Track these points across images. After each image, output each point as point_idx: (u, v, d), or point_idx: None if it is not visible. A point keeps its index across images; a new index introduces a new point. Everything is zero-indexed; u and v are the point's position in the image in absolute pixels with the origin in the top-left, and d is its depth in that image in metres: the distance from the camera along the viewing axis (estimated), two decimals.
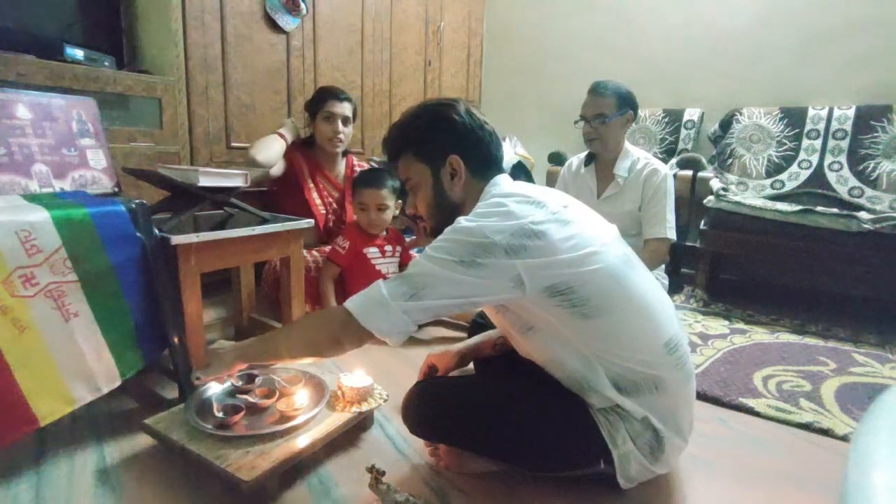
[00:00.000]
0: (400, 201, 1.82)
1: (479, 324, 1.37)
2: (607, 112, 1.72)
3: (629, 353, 0.86)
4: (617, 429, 0.87)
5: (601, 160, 1.85)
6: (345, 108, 1.92)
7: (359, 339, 0.86)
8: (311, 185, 1.96)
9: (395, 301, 0.82)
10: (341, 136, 1.92)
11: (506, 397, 0.94)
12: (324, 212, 1.98)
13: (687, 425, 0.93)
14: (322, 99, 1.91)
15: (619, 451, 0.87)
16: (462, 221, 0.86)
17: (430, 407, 0.97)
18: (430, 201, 0.99)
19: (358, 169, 2.07)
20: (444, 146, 0.96)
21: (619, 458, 0.88)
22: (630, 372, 0.86)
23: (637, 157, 1.80)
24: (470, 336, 1.29)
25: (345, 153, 2.08)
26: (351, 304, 0.86)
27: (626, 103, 1.74)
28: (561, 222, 0.85)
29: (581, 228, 0.87)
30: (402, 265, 1.87)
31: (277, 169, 1.88)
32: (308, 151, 1.99)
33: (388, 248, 1.82)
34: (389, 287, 0.84)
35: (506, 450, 0.92)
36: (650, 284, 0.92)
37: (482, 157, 0.98)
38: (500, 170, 1.00)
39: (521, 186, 0.96)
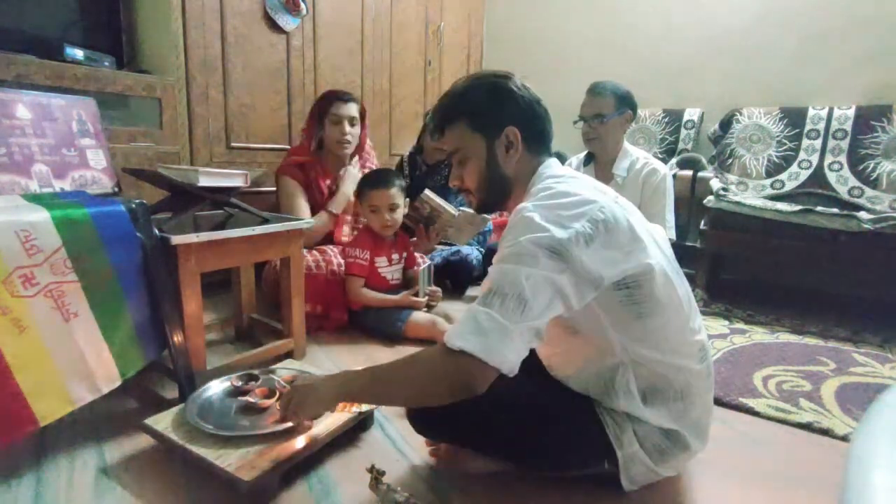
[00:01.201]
0: (408, 199, 1.83)
1: None
2: (606, 112, 1.72)
3: (669, 356, 0.85)
4: (623, 430, 0.87)
5: (600, 160, 1.85)
6: (350, 109, 1.93)
7: (487, 382, 0.74)
8: (324, 190, 1.97)
9: (515, 324, 0.73)
10: (349, 137, 1.93)
11: (511, 395, 0.92)
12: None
13: (707, 433, 0.93)
14: (327, 102, 1.92)
15: (624, 452, 0.87)
16: (531, 213, 0.79)
17: (435, 408, 0.95)
18: (482, 174, 0.94)
19: (368, 168, 2.08)
20: (502, 117, 0.92)
21: (623, 458, 0.87)
22: (662, 379, 0.86)
23: (636, 156, 1.80)
24: None
25: (352, 155, 2.10)
26: (464, 343, 0.73)
27: (625, 103, 1.74)
28: (623, 210, 0.84)
29: (635, 219, 0.85)
30: (407, 268, 1.88)
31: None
32: (319, 155, 2.00)
33: (395, 255, 1.82)
34: (496, 308, 0.73)
35: (509, 449, 0.91)
36: (687, 286, 0.92)
37: (539, 133, 0.95)
38: (550, 152, 0.97)
39: (573, 172, 0.94)
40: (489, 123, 0.93)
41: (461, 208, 1.95)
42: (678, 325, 0.87)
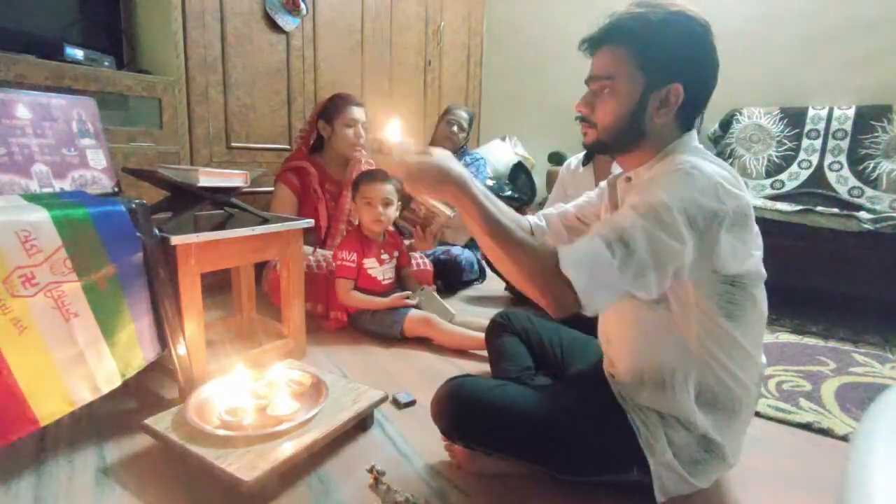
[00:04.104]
0: (400, 203, 1.81)
1: (500, 324, 1.27)
2: None
3: (737, 367, 0.83)
4: (657, 437, 0.84)
5: (599, 159, 1.85)
6: (363, 114, 1.99)
7: (570, 311, 0.72)
8: (321, 195, 1.96)
9: (624, 283, 0.70)
10: (363, 140, 1.97)
11: (540, 399, 0.91)
12: (326, 217, 1.99)
13: (741, 446, 0.92)
14: (342, 106, 1.95)
15: (656, 460, 0.83)
16: (693, 170, 0.73)
17: (464, 408, 0.92)
18: (622, 117, 0.82)
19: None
20: (677, 69, 0.79)
21: (656, 467, 0.84)
22: (722, 386, 0.83)
23: None
24: (487, 341, 1.27)
25: None
26: (575, 275, 0.70)
27: None
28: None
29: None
30: (400, 268, 1.87)
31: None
32: (316, 158, 2.00)
33: (385, 256, 1.80)
34: (618, 258, 0.70)
35: (537, 452, 0.88)
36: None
37: (699, 102, 0.83)
38: (693, 126, 0.87)
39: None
40: (659, 68, 0.79)
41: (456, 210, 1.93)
42: (754, 338, 0.85)
